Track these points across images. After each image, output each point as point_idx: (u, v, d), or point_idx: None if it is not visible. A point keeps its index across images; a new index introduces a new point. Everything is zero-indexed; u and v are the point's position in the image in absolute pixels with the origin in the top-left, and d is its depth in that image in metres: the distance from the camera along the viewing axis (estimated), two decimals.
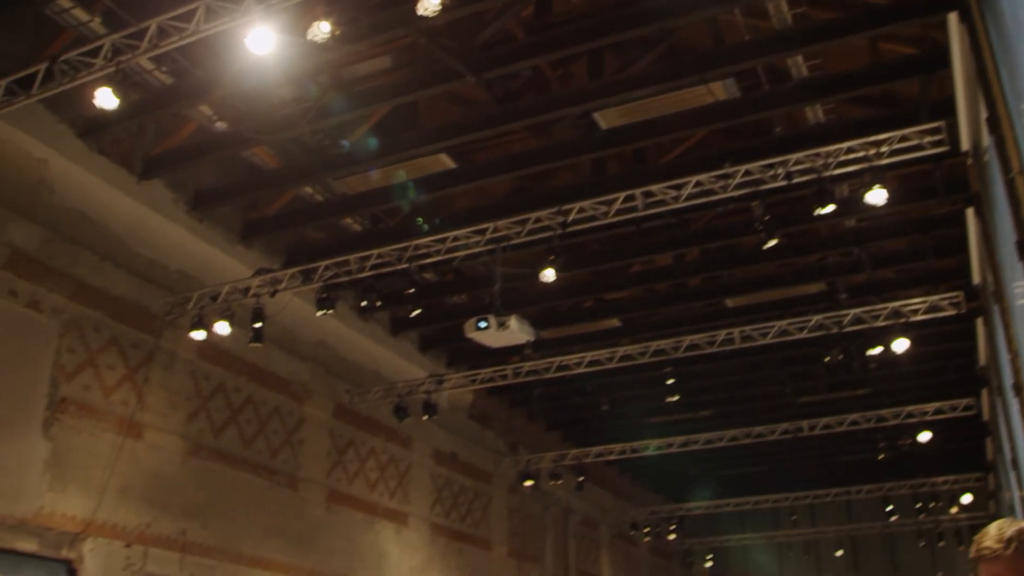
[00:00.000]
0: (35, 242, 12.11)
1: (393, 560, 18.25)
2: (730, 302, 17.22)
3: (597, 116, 11.92)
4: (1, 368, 11.53)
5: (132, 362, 13.34)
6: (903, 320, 14.42)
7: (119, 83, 9.62)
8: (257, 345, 14.03)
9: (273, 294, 13.65)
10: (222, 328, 13.60)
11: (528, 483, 21.68)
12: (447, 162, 12.97)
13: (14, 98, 10.10)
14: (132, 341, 13.38)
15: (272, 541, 15.34)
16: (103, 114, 10.45)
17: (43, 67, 9.78)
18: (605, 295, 17.61)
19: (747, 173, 11.25)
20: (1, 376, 11.52)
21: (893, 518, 25.58)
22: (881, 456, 21.32)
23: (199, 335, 13.58)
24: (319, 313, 13.69)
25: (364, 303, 13.81)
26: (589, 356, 16.55)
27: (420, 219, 13.81)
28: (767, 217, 11.50)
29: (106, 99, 9.68)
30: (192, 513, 13.85)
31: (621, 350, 16.40)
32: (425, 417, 17.52)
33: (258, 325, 13.73)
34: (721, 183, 11.44)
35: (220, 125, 12.84)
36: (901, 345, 14.61)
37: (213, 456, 14.47)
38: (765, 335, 15.31)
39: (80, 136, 12.29)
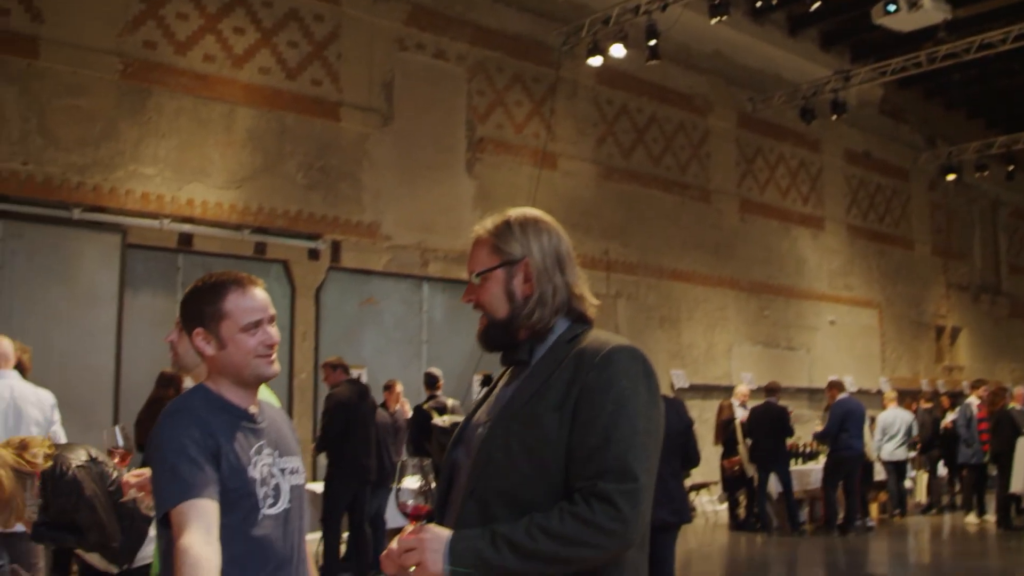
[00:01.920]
0: None
1: (811, 265, 18.14)
2: None
3: None
4: (425, 118, 12.49)
5: (536, 96, 13.85)
6: None
7: None
8: (654, 63, 13.94)
9: (664, 8, 13.31)
10: (617, 51, 13.62)
11: (950, 177, 20.25)
12: None
13: None
14: (533, 76, 13.83)
15: (690, 254, 15.75)
16: None
17: None
18: None
19: None
20: (426, 126, 12.50)
21: None
22: None
23: (596, 61, 13.73)
24: (712, 21, 13.21)
25: (759, 3, 13.11)
26: (1016, 30, 14.71)
27: None
28: None
29: None
30: (612, 234, 14.51)
31: None
32: (834, 117, 16.69)
33: (652, 43, 13.56)
34: None
35: None
36: None
37: (625, 177, 14.91)
38: None
39: None
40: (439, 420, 9.15)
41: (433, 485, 2.11)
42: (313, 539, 8.35)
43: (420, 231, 12.19)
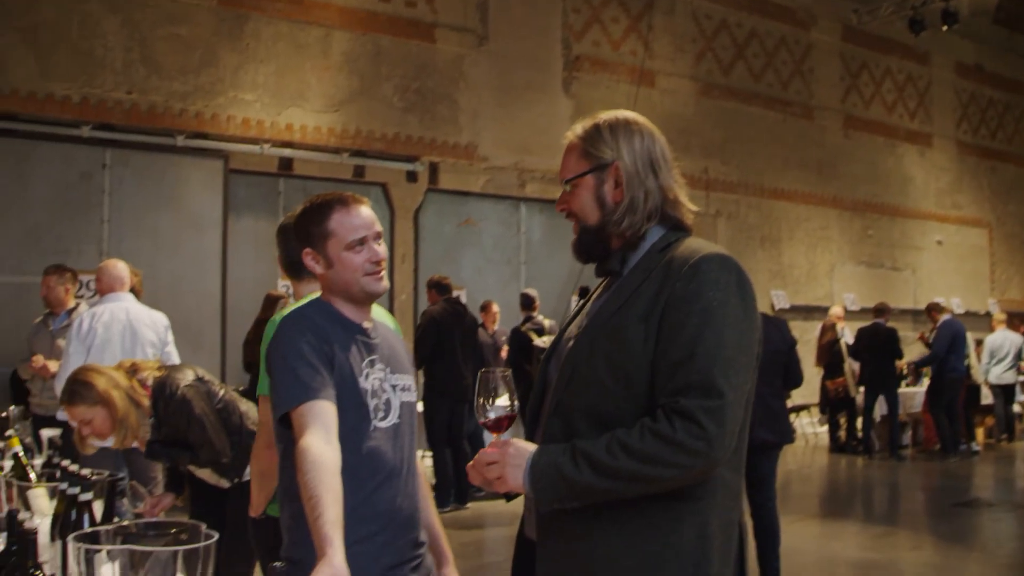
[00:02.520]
0: None
1: (918, 183, 17.58)
2: None
3: None
4: (520, 38, 12.32)
5: (634, 12, 13.54)
6: None
7: None
8: None
9: None
10: None
11: None
12: None
13: None
14: None
15: (791, 172, 15.40)
16: None
17: None
18: None
19: None
20: (522, 45, 12.34)
21: None
22: None
23: None
24: None
25: None
26: None
27: None
28: None
29: None
30: (711, 152, 14.25)
31: None
32: (944, 28, 15.94)
33: None
34: None
35: None
36: None
37: (724, 94, 14.57)
38: None
39: None
40: (539, 341, 9.18)
41: (514, 398, 2.07)
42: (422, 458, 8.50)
43: (517, 152, 12.12)
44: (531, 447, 1.99)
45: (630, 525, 1.96)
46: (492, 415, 2.06)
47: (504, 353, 9.82)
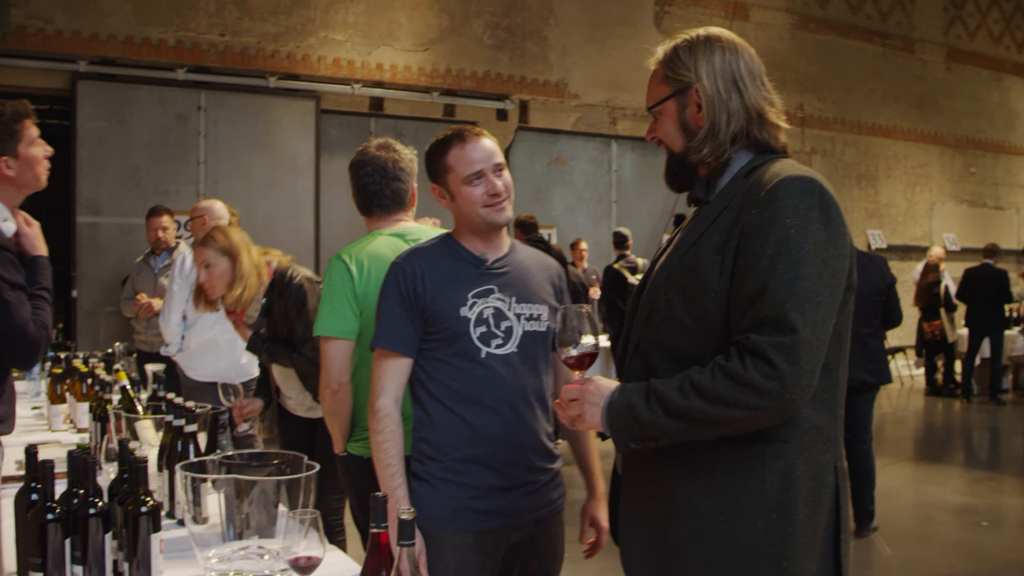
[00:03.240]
0: None
1: None
2: None
3: None
4: None
5: None
6: None
7: None
8: None
9: None
10: None
11: None
12: None
13: None
14: None
15: (890, 107, 14.97)
16: None
17: None
18: None
19: None
20: None
21: None
22: None
23: None
24: None
25: None
26: None
27: None
28: None
29: None
30: (807, 87, 13.88)
31: None
32: None
33: None
34: None
35: None
36: None
37: (821, 27, 14.16)
38: None
39: None
40: (633, 280, 9.10)
41: (597, 335, 2.04)
42: None
43: (608, 89, 11.94)
44: (611, 385, 1.94)
45: (708, 467, 1.89)
46: (574, 352, 2.02)
47: (594, 292, 9.79)
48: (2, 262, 2.71)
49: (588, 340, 2.02)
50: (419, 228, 3.25)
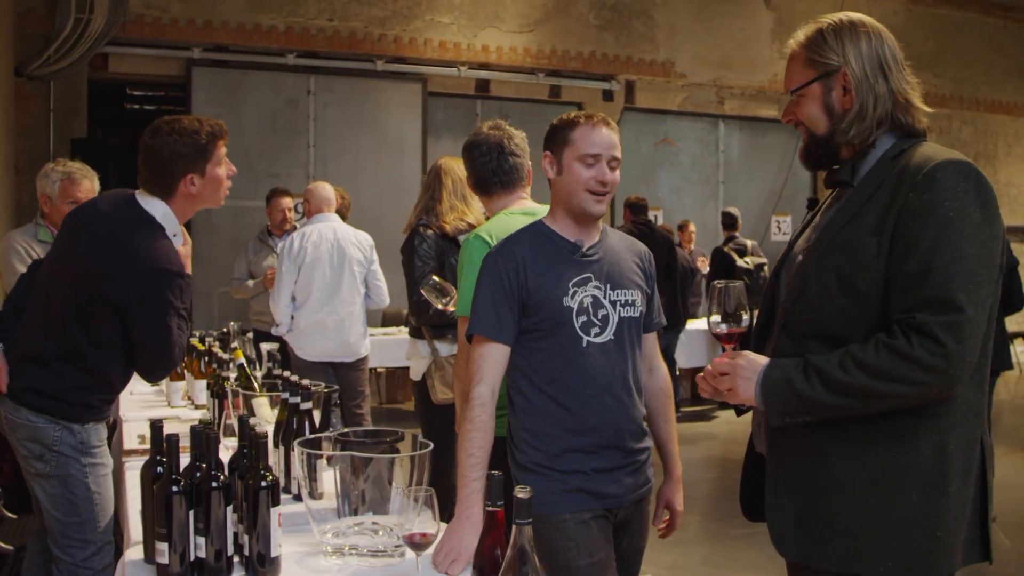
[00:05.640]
0: None
1: None
2: None
3: None
4: None
5: None
6: None
7: None
8: None
9: None
10: None
11: None
12: None
13: None
14: None
15: (1012, 83, 14.45)
16: None
17: None
18: None
19: None
20: None
21: None
22: None
23: None
24: None
25: None
26: None
27: None
28: None
29: None
30: (923, 63, 13.43)
31: None
32: None
33: None
34: None
35: None
36: None
37: (938, 1, 13.70)
38: None
39: None
40: (743, 262, 8.96)
41: (745, 309, 2.09)
42: None
43: (716, 68, 11.76)
44: (763, 360, 1.98)
45: (863, 442, 1.94)
46: (724, 326, 2.09)
47: (702, 263, 9.70)
48: (175, 288, 2.84)
49: (745, 317, 2.09)
50: (544, 208, 3.22)
